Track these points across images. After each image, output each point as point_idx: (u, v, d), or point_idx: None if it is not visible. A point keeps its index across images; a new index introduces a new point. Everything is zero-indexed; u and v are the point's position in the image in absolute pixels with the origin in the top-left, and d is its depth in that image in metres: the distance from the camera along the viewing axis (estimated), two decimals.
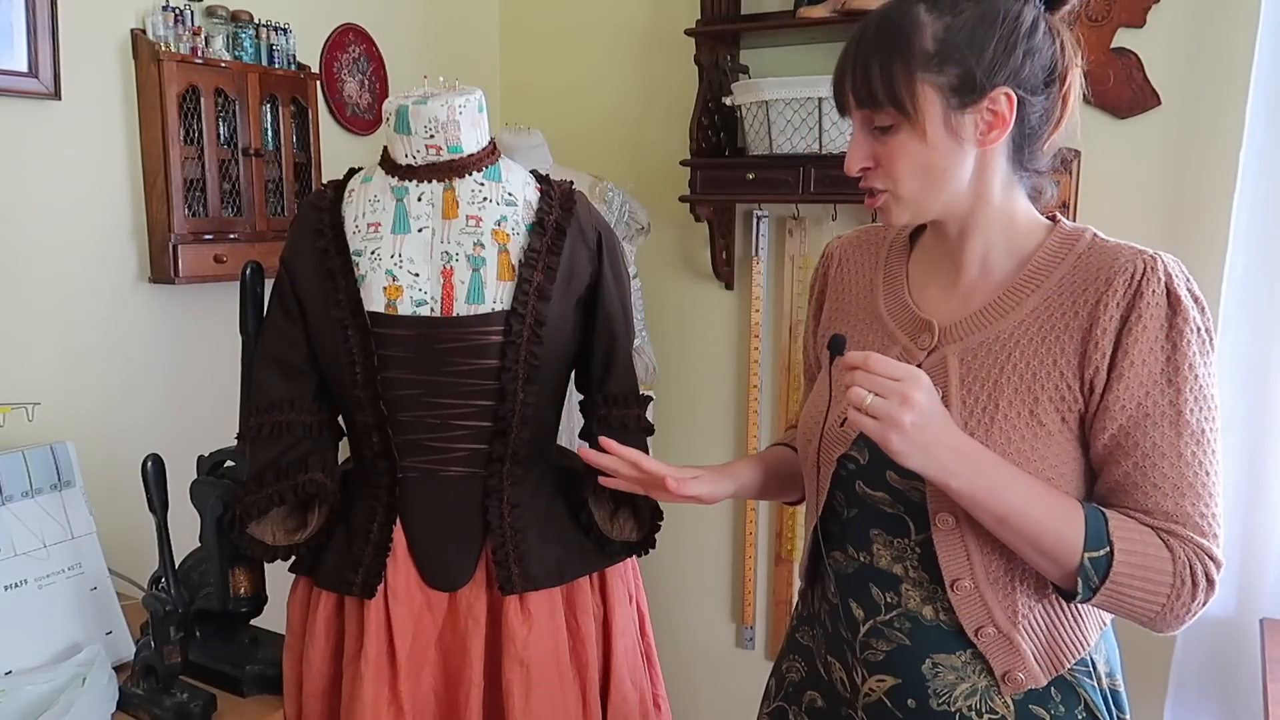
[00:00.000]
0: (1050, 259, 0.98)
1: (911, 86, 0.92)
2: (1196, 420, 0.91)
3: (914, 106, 0.92)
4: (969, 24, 0.92)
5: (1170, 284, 0.91)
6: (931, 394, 0.89)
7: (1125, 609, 0.92)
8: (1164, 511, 0.91)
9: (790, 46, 2.29)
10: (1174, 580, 0.90)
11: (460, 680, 1.33)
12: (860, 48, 0.95)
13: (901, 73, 0.92)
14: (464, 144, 1.33)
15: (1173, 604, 0.91)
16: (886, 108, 0.94)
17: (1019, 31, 0.93)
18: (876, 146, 0.97)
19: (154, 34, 1.79)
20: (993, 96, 0.92)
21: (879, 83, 0.93)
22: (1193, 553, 0.90)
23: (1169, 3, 1.87)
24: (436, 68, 1.91)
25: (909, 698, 1.01)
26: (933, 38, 0.92)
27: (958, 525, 0.97)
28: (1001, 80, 0.92)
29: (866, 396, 0.88)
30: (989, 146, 0.95)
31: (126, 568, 1.65)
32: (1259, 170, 1.79)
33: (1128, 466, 0.92)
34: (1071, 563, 0.90)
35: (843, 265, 1.18)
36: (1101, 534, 0.90)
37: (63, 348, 1.74)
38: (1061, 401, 0.94)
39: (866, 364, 0.89)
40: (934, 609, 1.00)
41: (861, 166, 0.98)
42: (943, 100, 0.93)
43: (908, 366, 0.89)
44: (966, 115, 0.93)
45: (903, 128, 0.94)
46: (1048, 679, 0.98)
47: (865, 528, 1.05)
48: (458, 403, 1.32)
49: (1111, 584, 0.90)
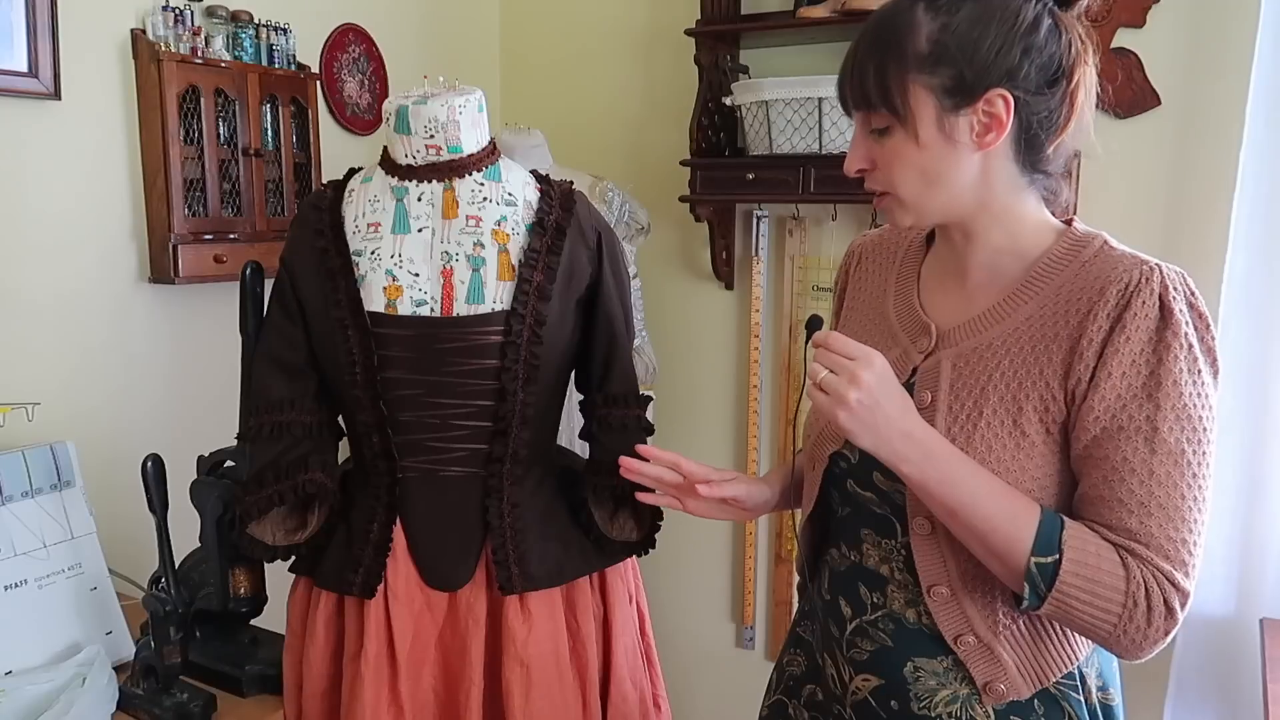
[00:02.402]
0: (1054, 264, 0.95)
1: (904, 88, 0.91)
2: (1175, 439, 0.87)
3: (906, 108, 0.91)
4: (965, 24, 0.90)
5: (1165, 296, 0.88)
6: (885, 376, 0.89)
7: (1076, 624, 0.89)
8: (1127, 529, 0.87)
9: (790, 46, 2.29)
10: (1125, 600, 0.86)
11: (460, 680, 1.33)
12: (859, 49, 0.95)
13: (895, 75, 0.91)
14: (464, 144, 1.33)
15: (1125, 625, 0.86)
16: (880, 110, 0.93)
17: (1017, 30, 0.90)
18: (874, 148, 0.96)
19: (154, 34, 1.79)
20: (988, 98, 0.90)
21: (872, 84, 0.93)
22: (1151, 575, 0.86)
23: (1169, 3, 1.87)
24: (436, 68, 1.91)
25: (891, 699, 1.00)
26: (927, 39, 0.91)
27: (934, 530, 0.96)
28: (997, 81, 0.90)
29: (820, 371, 0.89)
30: (987, 149, 0.93)
31: (126, 568, 1.65)
32: (1259, 170, 1.79)
33: (1096, 479, 0.89)
34: (1019, 565, 0.88)
35: (862, 263, 1.17)
36: (1053, 541, 0.87)
37: (63, 348, 1.74)
38: (1045, 411, 0.92)
39: (826, 342, 0.90)
40: (916, 612, 1.00)
41: (859, 168, 0.98)
42: (936, 102, 0.91)
43: (864, 347, 0.89)
44: (961, 118, 0.92)
45: (896, 130, 0.93)
46: (1031, 692, 0.96)
47: (857, 527, 1.05)
48: (458, 403, 1.32)
49: (1058, 593, 0.87)
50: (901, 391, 0.91)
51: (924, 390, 0.98)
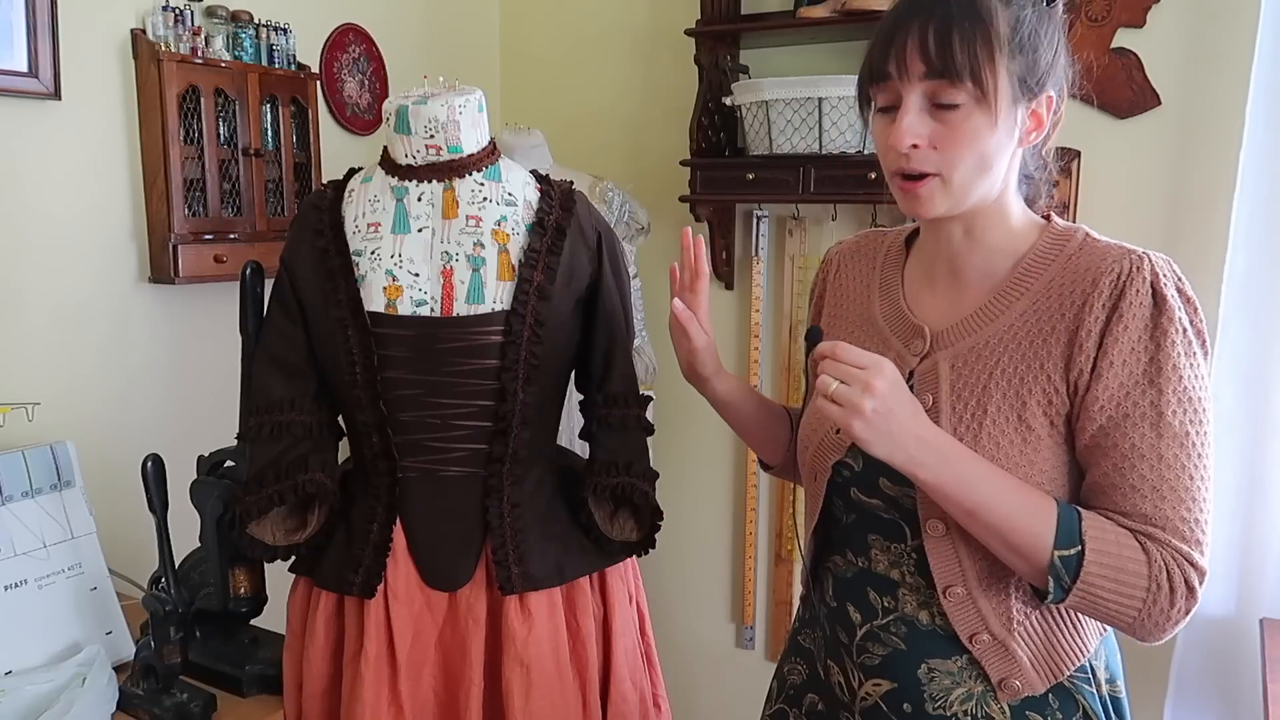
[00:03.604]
0: (1040, 260, 0.96)
1: (994, 66, 0.89)
2: (1180, 422, 0.89)
3: (994, 87, 0.89)
4: (1033, 19, 0.91)
5: (1156, 283, 0.89)
6: (896, 383, 0.89)
7: (1101, 612, 0.90)
8: (1142, 514, 0.89)
9: (790, 46, 2.29)
10: (1149, 584, 0.87)
11: (460, 680, 1.33)
12: (937, 15, 0.89)
13: (985, 50, 0.88)
14: (464, 144, 1.33)
15: (1150, 609, 0.88)
16: (965, 83, 0.88)
17: (1065, 36, 0.93)
18: (936, 125, 0.91)
19: (154, 34, 1.79)
20: (1045, 97, 0.92)
21: (962, 54, 0.88)
22: (1170, 557, 0.88)
23: (1169, 3, 1.87)
24: (436, 68, 1.91)
25: (905, 702, 1.00)
26: (1008, 23, 0.90)
27: (948, 532, 0.96)
28: (1051, 82, 0.92)
29: (831, 383, 0.88)
30: (1023, 146, 0.94)
31: (126, 568, 1.65)
32: (1259, 170, 1.79)
33: (1106, 467, 0.91)
34: (1042, 560, 0.89)
35: (841, 271, 1.17)
36: (1074, 533, 0.88)
37: (63, 348, 1.74)
38: (1049, 405, 0.93)
39: (834, 353, 0.90)
40: (930, 614, 1.00)
41: (914, 143, 0.91)
42: (1012, 89, 0.90)
43: (873, 355, 0.89)
44: (1020, 109, 0.92)
45: (973, 109, 0.89)
46: (1045, 686, 0.96)
47: (863, 533, 1.05)
48: (458, 402, 1.32)
49: (1083, 584, 0.88)
50: (911, 397, 0.91)
51: (924, 393, 0.98)
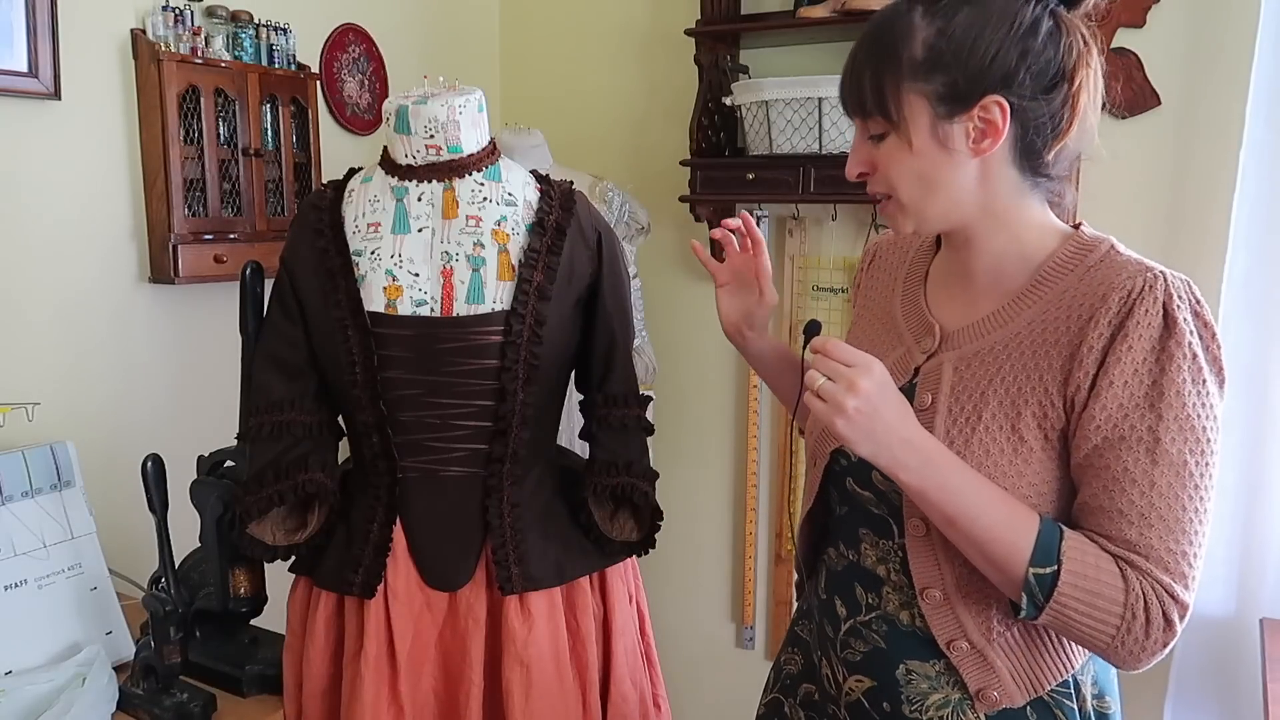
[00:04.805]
0: (1059, 269, 0.94)
1: (898, 96, 0.91)
2: (1178, 450, 0.86)
3: (900, 116, 0.91)
4: (961, 28, 0.89)
5: (1169, 304, 0.86)
6: (884, 384, 0.88)
7: (1074, 634, 0.88)
8: (1127, 540, 0.86)
9: (790, 46, 2.29)
10: (1124, 612, 0.85)
11: (460, 680, 1.33)
12: (856, 55, 0.95)
13: (889, 82, 0.91)
14: (464, 144, 1.33)
15: (1124, 638, 0.86)
16: (875, 116, 0.93)
17: (1014, 34, 0.89)
18: (873, 153, 0.96)
19: (154, 34, 1.79)
20: (984, 105, 0.89)
21: (868, 91, 0.93)
22: (1150, 587, 0.85)
23: (1169, 3, 1.87)
24: (436, 68, 1.91)
25: (884, 700, 1.00)
26: (923, 44, 0.90)
27: (929, 533, 0.96)
28: (993, 87, 0.89)
29: (818, 379, 0.88)
30: (984, 156, 0.92)
31: (126, 568, 1.65)
32: (1259, 170, 1.79)
33: (1096, 488, 0.88)
34: (1017, 575, 0.87)
35: (876, 262, 1.18)
36: (1052, 551, 0.86)
37: (63, 348, 1.74)
38: (1044, 418, 0.91)
39: (825, 348, 0.89)
40: (910, 614, 0.99)
41: (859, 172, 0.98)
42: (930, 110, 0.90)
43: (863, 354, 0.88)
44: (955, 125, 0.90)
45: (891, 136, 0.93)
46: (1025, 700, 0.95)
47: (855, 526, 1.05)
48: (458, 403, 1.32)
49: (1056, 604, 0.86)
50: (900, 399, 0.90)
51: (925, 392, 0.98)
